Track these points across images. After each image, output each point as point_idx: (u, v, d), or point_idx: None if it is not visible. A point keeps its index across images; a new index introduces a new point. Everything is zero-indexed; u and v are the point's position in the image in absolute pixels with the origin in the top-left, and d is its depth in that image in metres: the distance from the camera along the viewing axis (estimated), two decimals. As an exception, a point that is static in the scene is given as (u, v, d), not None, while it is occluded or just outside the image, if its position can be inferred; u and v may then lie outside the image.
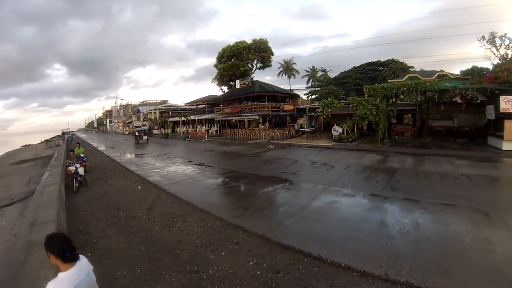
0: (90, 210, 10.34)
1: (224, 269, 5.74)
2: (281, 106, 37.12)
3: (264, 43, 51.82)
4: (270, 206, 9.97)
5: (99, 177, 16.15)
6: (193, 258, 6.34)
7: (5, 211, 13.83)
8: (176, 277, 5.63)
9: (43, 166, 25.46)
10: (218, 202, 10.67)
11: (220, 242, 7.02)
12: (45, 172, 16.20)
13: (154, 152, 27.22)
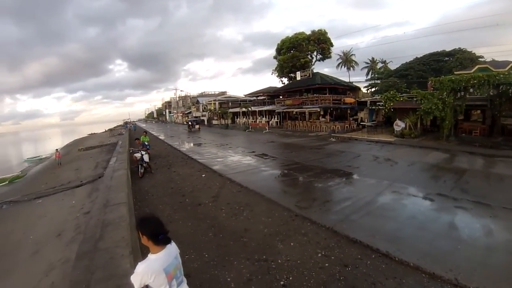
0: (155, 195, 10.90)
1: (292, 259, 5.80)
2: (342, 98, 36.17)
3: (323, 34, 50.85)
4: (336, 199, 9.88)
5: (163, 164, 16.92)
6: (261, 246, 6.46)
7: (76, 192, 15.06)
8: (244, 264, 5.77)
9: (108, 153, 27.38)
10: (284, 193, 10.71)
11: (288, 233, 7.08)
12: (111, 157, 17.33)
13: (216, 142, 27.94)
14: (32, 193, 17.92)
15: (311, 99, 36.30)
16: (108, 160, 22.45)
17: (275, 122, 44.38)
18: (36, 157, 44.03)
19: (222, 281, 5.33)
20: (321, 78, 39.02)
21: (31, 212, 14.25)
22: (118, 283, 4.16)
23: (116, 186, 9.30)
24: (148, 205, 9.87)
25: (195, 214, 8.75)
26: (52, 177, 21.78)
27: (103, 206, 7.41)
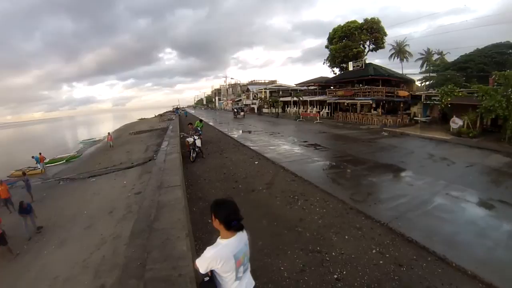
0: (208, 180, 10.98)
1: (346, 253, 5.69)
2: (395, 91, 34.43)
3: (376, 22, 48.36)
4: (390, 195, 9.43)
5: (214, 150, 17.06)
6: (315, 237, 6.37)
7: (127, 173, 15.64)
8: (298, 254, 5.70)
9: (158, 137, 28.25)
10: (338, 185, 10.43)
11: (343, 226, 6.95)
12: (163, 141, 17.74)
13: (267, 130, 27.87)
14: (86, 172, 19.01)
15: (364, 90, 35.12)
16: (158, 144, 23.36)
17: (326, 113, 43.53)
18: (90, 140, 46.67)
19: (275, 269, 5.28)
20: (374, 69, 37.65)
21: (85, 189, 15.16)
22: (174, 264, 4.12)
23: (170, 169, 9.47)
24: (200, 189, 9.97)
25: (248, 201, 8.69)
26: (105, 158, 22.94)
27: (157, 188, 7.52)
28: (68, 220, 11.58)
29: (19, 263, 9.22)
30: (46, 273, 8.05)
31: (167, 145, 15.01)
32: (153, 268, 4.05)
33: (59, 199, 13.66)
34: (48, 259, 8.90)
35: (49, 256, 9.10)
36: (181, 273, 3.92)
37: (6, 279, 8.54)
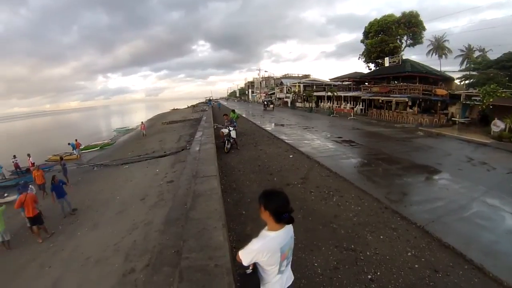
0: (242, 171, 10.98)
1: (381, 254, 5.56)
2: (433, 89, 32.86)
3: (415, 16, 46.24)
4: (427, 197, 9.09)
5: (249, 142, 17.04)
6: (350, 235, 6.28)
7: (159, 161, 15.86)
8: (332, 251, 5.63)
9: (191, 127, 28.55)
10: (373, 183, 10.19)
11: (378, 225, 6.80)
12: (197, 132, 17.88)
13: (301, 124, 27.66)
14: (120, 159, 19.48)
15: (399, 87, 33.91)
16: (192, 134, 23.66)
17: (360, 110, 42.60)
18: (123, 128, 47.93)
19: (308, 265, 5.20)
20: (411, 65, 36.21)
21: (118, 176, 15.52)
22: (210, 254, 4.07)
23: (205, 159, 9.51)
24: (235, 180, 9.98)
25: None
26: (138, 146, 23.46)
27: (193, 177, 7.53)
28: (101, 204, 11.89)
29: (54, 242, 9.54)
30: (79, 253, 8.28)
31: (201, 135, 15.14)
32: (189, 257, 3.99)
33: (93, 183, 14.03)
34: (81, 240, 9.15)
35: (82, 237, 9.35)
36: (217, 264, 3.88)
37: (41, 256, 8.83)
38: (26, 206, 9.54)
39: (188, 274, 3.69)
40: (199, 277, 3.65)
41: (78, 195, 13.13)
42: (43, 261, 8.50)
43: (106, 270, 6.85)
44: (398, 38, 47.24)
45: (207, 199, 5.87)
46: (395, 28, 45.85)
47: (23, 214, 10.02)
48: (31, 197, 9.70)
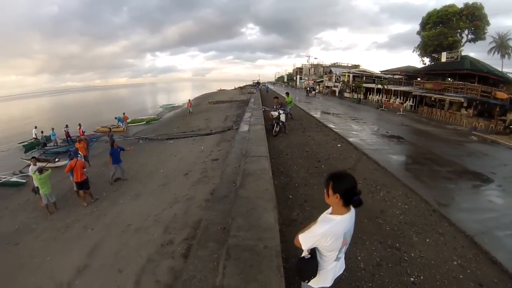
0: (290, 156, 10.82)
1: (426, 258, 5.29)
2: (493, 91, 30.35)
3: (478, 9, 41.91)
4: (478, 206, 8.55)
5: (297, 127, 16.81)
6: (395, 233, 6.03)
7: (205, 139, 15.99)
8: (376, 247, 5.45)
9: (237, 108, 28.67)
10: (421, 182, 9.67)
11: (425, 227, 6.45)
12: (245, 113, 17.83)
13: (349, 115, 27.10)
14: (165, 134, 19.93)
15: (456, 86, 31.74)
16: (238, 115, 23.79)
17: (409, 106, 40.78)
18: (170, 105, 49.03)
19: (352, 257, 5.01)
20: (470, 62, 33.41)
21: (163, 150, 15.88)
22: (260, 235, 3.94)
23: (255, 140, 9.47)
24: (282, 163, 9.83)
25: None
26: (183, 123, 23.91)
27: (242, 155, 7.40)
28: (145, 175, 12.21)
29: (97, 207, 9.98)
30: (120, 219, 8.57)
31: (250, 116, 15.11)
32: (237, 236, 3.87)
33: (137, 156, 14.40)
34: (123, 208, 9.45)
35: (124, 205, 9.65)
36: (266, 245, 3.75)
37: (85, 219, 9.28)
38: (75, 171, 9.97)
39: (236, 252, 3.60)
40: (247, 256, 3.55)
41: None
42: (86, 223, 8.91)
43: (145, 239, 7.01)
44: (458, 31, 43.63)
45: (257, 179, 5.74)
46: (455, 20, 42.40)
47: (72, 178, 10.54)
48: (80, 164, 10.13)
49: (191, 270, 3.77)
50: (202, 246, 4.12)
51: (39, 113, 75.42)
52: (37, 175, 9.90)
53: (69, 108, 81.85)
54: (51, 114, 64.29)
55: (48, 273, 6.73)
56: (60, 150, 20.02)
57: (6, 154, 24.62)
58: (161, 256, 6.06)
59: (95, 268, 6.44)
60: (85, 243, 7.61)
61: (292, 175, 8.74)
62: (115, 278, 5.79)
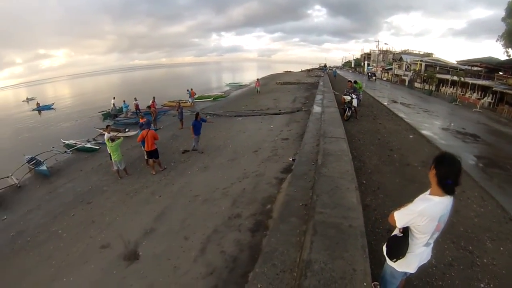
0: (362, 141, 10.61)
1: (498, 267, 4.92)
2: None
3: None
4: None
5: (367, 113, 16.37)
6: (469, 235, 5.73)
7: (274, 118, 16.01)
8: (449, 246, 5.21)
9: (306, 90, 28.46)
10: (498, 187, 8.97)
11: (500, 235, 6.01)
12: (316, 95, 17.59)
13: (420, 106, 25.76)
14: (233, 111, 20.22)
15: None
16: (306, 97, 23.68)
17: (487, 102, 37.45)
18: (236, 83, 49.63)
19: None
20: None
21: (231, 126, 16.23)
22: (344, 214, 3.89)
23: (330, 121, 9.41)
24: (355, 148, 9.65)
25: (403, 173, 8.07)
26: (251, 102, 24.15)
27: (320, 136, 7.30)
28: (213, 149, 12.55)
29: (165, 176, 10.44)
30: (187, 189, 8.86)
31: (321, 99, 14.92)
32: (322, 212, 3.85)
33: (205, 130, 14.70)
34: (191, 179, 9.76)
35: (192, 177, 9.96)
36: (351, 224, 3.72)
37: (153, 186, 9.77)
38: (146, 141, 10.45)
39: (322, 228, 3.59)
40: (333, 233, 3.54)
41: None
42: (154, 190, 9.36)
43: (212, 210, 7.21)
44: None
45: (337, 159, 5.67)
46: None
47: (143, 148, 11.10)
48: (152, 134, 10.57)
49: (273, 243, 3.83)
50: (284, 221, 4.13)
51: (109, 87, 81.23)
52: (109, 142, 10.59)
53: (136, 83, 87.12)
54: (120, 88, 68.55)
55: (117, 231, 7.18)
56: (129, 122, 21.33)
57: (80, 122, 26.93)
58: (228, 228, 6.22)
59: (162, 232, 6.76)
60: (152, 208, 8.03)
61: (365, 160, 8.58)
62: (181, 244, 6.03)
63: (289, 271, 3.64)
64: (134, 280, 5.23)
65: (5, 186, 12.11)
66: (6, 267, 6.97)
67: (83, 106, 39.70)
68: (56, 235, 7.76)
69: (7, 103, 71.33)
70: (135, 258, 5.92)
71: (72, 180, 12.00)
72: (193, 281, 4.88)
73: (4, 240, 8.28)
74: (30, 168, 13.65)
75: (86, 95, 61.76)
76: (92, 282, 5.49)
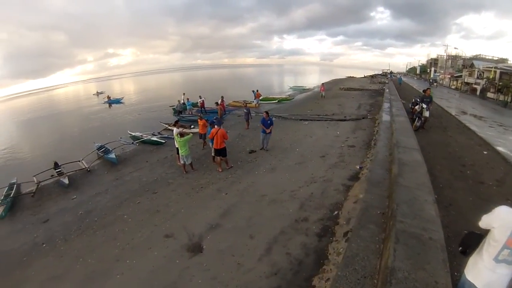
0: (432, 154, 10.17)
1: None
2: None
3: None
4: None
5: (436, 125, 15.66)
6: None
7: (339, 124, 15.97)
8: None
9: (370, 97, 27.95)
10: None
11: None
12: (383, 103, 17.20)
13: (495, 119, 23.86)
14: (298, 114, 20.28)
15: None
16: (371, 104, 23.28)
17: None
18: (299, 87, 49.43)
19: None
20: None
21: (297, 130, 16.39)
22: (424, 225, 3.93)
23: (401, 130, 9.27)
24: (425, 160, 9.11)
25: (477, 192, 7.52)
26: (316, 106, 24.09)
27: (393, 145, 7.23)
28: (280, 151, 12.74)
29: (232, 174, 10.76)
30: (254, 189, 9.10)
31: (389, 107, 14.59)
32: (403, 222, 3.94)
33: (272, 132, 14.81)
34: (258, 179, 9.99)
35: (259, 177, 10.19)
36: (431, 237, 3.75)
37: (219, 183, 10.12)
38: (215, 139, 10.79)
39: (404, 238, 3.66)
40: (414, 244, 3.59)
41: (255, 140, 14.42)
42: (220, 187, 9.69)
43: (280, 212, 7.36)
44: None
45: (412, 170, 5.67)
46: None
47: (211, 145, 11.64)
48: (222, 133, 10.85)
49: (354, 248, 3.95)
50: (363, 227, 4.25)
51: (172, 85, 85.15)
52: (178, 137, 11.05)
53: (198, 82, 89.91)
54: (183, 87, 70.67)
55: (181, 223, 7.52)
56: (193, 119, 21.80)
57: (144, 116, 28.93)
58: (295, 231, 6.35)
59: (227, 228, 6.97)
60: (218, 204, 8.29)
61: (436, 174, 8.23)
62: (246, 242, 6.22)
63: (369, 277, 3.73)
64: (197, 272, 5.49)
65: (77, 169, 13.46)
66: (72, 242, 7.66)
67: (148, 101, 42.39)
68: (121, 219, 8.38)
69: (79, 95, 76.96)
70: (199, 251, 6.19)
71: (138, 169, 12.87)
72: (257, 279, 5.06)
73: (72, 217, 9.16)
74: (99, 155, 15.02)
75: (151, 92, 65.51)
76: (154, 268, 5.85)
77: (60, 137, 24.26)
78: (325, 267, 4.87)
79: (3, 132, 30.76)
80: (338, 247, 5.11)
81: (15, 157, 19.40)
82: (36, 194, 11.38)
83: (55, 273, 6.37)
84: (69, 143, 20.92)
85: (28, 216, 9.99)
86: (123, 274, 5.81)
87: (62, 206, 10.29)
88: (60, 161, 14.07)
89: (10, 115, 50.98)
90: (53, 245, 7.65)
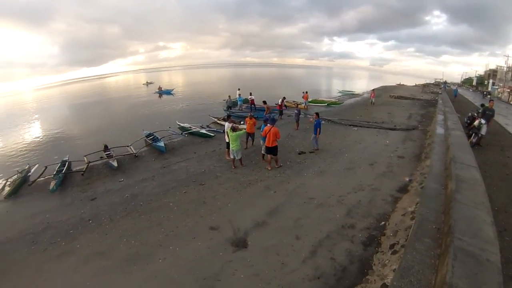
0: (488, 173, 9.48)
1: None
2: None
3: None
4: None
5: (492, 142, 14.78)
6: None
7: (389, 133, 15.67)
8: None
9: (421, 108, 27.09)
10: None
11: None
12: (437, 114, 16.69)
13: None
14: (348, 119, 20.11)
15: None
16: (422, 115, 22.62)
17: None
18: (348, 91, 48.50)
19: None
20: None
21: (346, 135, 16.29)
22: (482, 246, 3.90)
23: (458, 146, 8.96)
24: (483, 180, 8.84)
25: None
26: (365, 113, 23.61)
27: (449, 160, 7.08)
28: (329, 155, 12.66)
29: (281, 174, 10.79)
30: (303, 191, 9.12)
31: (443, 119, 14.12)
32: (462, 239, 3.92)
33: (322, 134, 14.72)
34: (307, 181, 9.99)
35: (308, 179, 10.18)
36: (488, 258, 3.70)
37: (268, 180, 10.21)
38: (268, 137, 10.81)
39: (462, 255, 3.65)
40: (472, 263, 3.57)
41: (305, 142, 14.45)
42: (268, 185, 9.76)
43: (327, 216, 7.39)
44: None
45: (470, 188, 5.56)
46: None
47: (262, 142, 11.67)
48: (274, 131, 10.87)
49: (409, 259, 3.96)
50: (419, 240, 4.26)
51: (220, 80, 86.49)
52: (230, 131, 11.17)
53: (246, 79, 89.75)
54: (231, 83, 71.84)
55: (227, 216, 7.65)
56: (243, 115, 21.86)
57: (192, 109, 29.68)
58: (341, 237, 6.37)
59: (274, 227, 7.04)
60: (265, 202, 8.39)
61: (491, 195, 7.67)
62: (291, 243, 6.27)
63: (424, 291, 3.72)
64: (239, 266, 5.59)
65: (125, 153, 14.10)
66: (117, 222, 8.03)
67: (197, 95, 43.27)
68: (167, 207, 8.64)
69: (130, 84, 79.79)
70: (243, 246, 6.30)
71: (186, 160, 13.20)
72: (299, 281, 5.12)
73: (119, 199, 9.60)
74: (147, 142, 15.64)
75: (199, 85, 67.01)
76: (197, 257, 5.99)
77: (111, 122, 25.71)
78: (369, 277, 4.89)
79: (60, 114, 32.80)
80: (384, 258, 5.13)
81: (69, 136, 20.90)
82: (85, 173, 12.18)
83: (99, 249, 6.74)
84: (119, 129, 22.06)
85: (77, 192, 10.71)
86: (165, 259, 6.04)
87: (109, 187, 10.90)
88: (110, 144, 14.93)
89: (67, 99, 54.01)
90: (99, 222, 8.10)
